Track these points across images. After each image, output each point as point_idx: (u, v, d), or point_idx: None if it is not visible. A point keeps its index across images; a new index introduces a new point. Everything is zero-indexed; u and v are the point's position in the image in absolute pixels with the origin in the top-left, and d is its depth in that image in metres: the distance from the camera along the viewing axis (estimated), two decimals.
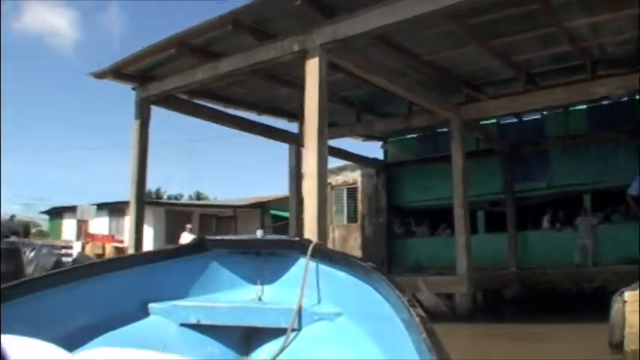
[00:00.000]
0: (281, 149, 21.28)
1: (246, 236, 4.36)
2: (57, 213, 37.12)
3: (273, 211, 30.68)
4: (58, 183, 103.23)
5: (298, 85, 15.73)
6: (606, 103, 20.19)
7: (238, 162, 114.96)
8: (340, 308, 3.48)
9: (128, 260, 3.82)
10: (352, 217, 25.92)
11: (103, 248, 26.56)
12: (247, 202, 32.91)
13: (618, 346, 7.94)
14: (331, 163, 20.34)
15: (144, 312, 3.56)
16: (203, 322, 3.56)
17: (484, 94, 17.96)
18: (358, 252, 24.92)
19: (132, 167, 15.93)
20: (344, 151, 22.70)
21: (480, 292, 16.94)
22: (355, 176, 25.69)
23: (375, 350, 2.94)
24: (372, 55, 14.27)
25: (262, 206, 31.04)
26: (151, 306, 3.59)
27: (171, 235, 26.49)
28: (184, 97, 17.13)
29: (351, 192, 25.91)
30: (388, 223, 24.95)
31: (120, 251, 25.37)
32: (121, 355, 2.00)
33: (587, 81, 15.65)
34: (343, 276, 3.52)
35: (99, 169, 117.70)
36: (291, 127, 21.55)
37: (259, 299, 3.94)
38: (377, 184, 25.27)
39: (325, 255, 3.75)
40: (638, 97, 18.50)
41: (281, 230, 28.60)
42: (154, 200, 33.12)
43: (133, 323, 3.42)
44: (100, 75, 15.59)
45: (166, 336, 3.47)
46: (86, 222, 30.42)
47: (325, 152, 11.90)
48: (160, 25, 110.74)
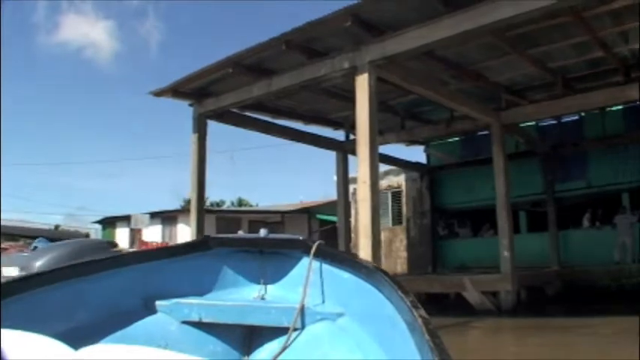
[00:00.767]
0: (314, 154, 22.14)
1: (249, 235, 4.42)
2: (109, 222, 38.44)
3: (319, 216, 31.25)
4: (97, 193, 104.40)
5: (344, 96, 16.71)
6: None
7: (277, 168, 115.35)
8: (343, 308, 3.51)
9: (132, 257, 3.80)
10: (397, 220, 26.45)
11: None
12: (294, 208, 33.69)
13: None
14: None
15: (147, 309, 3.59)
16: (205, 320, 3.60)
17: (523, 99, 18.50)
18: (404, 253, 25.68)
19: (191, 178, 17.11)
20: (389, 157, 23.29)
21: (524, 290, 17.48)
22: (399, 180, 26.27)
23: (377, 351, 2.95)
24: (416, 67, 15.03)
25: (308, 211, 31.69)
26: (154, 303, 3.61)
27: None
28: (236, 111, 18.07)
29: (396, 195, 26.46)
30: (432, 225, 25.47)
31: None
32: (124, 352, 1.98)
33: (621, 84, 16.24)
34: (346, 276, 3.55)
35: (136, 179, 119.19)
36: (336, 135, 22.52)
37: (262, 298, 3.98)
38: (421, 187, 25.85)
39: (328, 255, 3.78)
40: None
41: (327, 233, 29.34)
42: (206, 208, 34.15)
43: (136, 320, 3.45)
44: (159, 93, 16.69)
45: (168, 333, 3.50)
46: (139, 230, 31.13)
47: (376, 161, 12.80)
48: (198, 33, 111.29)
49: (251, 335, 3.70)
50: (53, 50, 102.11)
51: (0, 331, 1.75)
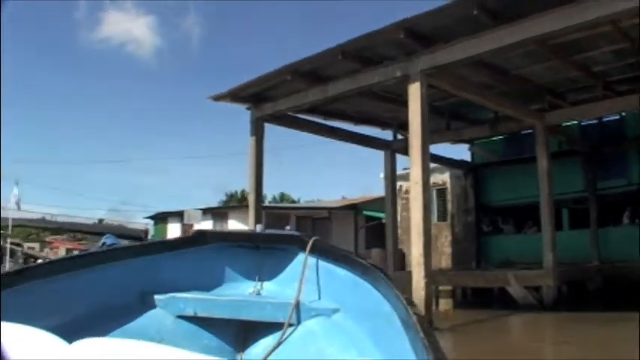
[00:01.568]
0: (354, 151, 22.98)
1: (245, 230, 4.64)
2: (162, 218, 39.65)
3: (365, 212, 31.87)
4: (140, 188, 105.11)
5: (392, 99, 17.61)
6: None
7: (318, 164, 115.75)
8: (338, 304, 3.51)
9: (128, 251, 3.78)
10: (442, 216, 26.94)
11: None
12: (339, 204, 34.46)
13: None
14: None
15: (142, 303, 3.58)
16: (201, 315, 3.59)
17: (565, 101, 19.21)
18: (448, 249, 26.27)
19: (249, 179, 18.28)
20: (434, 155, 23.61)
21: (565, 285, 18.23)
22: (444, 178, 26.80)
23: (372, 347, 2.97)
24: (463, 72, 15.86)
25: (355, 207, 32.33)
26: (149, 297, 3.61)
27: None
28: (291, 114, 19.08)
29: (440, 192, 26.98)
30: (477, 222, 26.07)
31: None
32: (118, 346, 1.98)
33: None
34: (342, 272, 3.55)
35: (178, 174, 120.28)
36: (384, 135, 23.48)
37: (257, 293, 3.97)
38: (465, 185, 26.46)
39: (324, 251, 3.77)
40: None
41: (373, 229, 30.13)
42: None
43: (131, 314, 3.44)
44: (218, 98, 17.87)
45: (163, 327, 3.50)
46: (191, 225, 31.74)
47: (428, 163, 13.81)
48: (239, 27, 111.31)
49: (246, 330, 3.69)
50: (95, 47, 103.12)
51: None
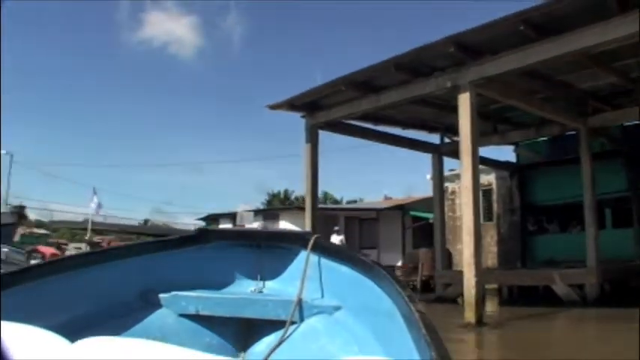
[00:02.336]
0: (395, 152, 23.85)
1: (247, 228, 5.00)
2: (213, 219, 40.92)
3: (412, 212, 32.46)
4: (182, 188, 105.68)
5: (439, 105, 18.51)
6: None
7: (360, 163, 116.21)
8: (340, 302, 3.51)
9: (129, 250, 3.77)
10: (487, 217, 27.41)
11: None
12: (388, 205, 35.16)
13: None
14: None
15: (143, 302, 3.58)
16: (202, 313, 3.58)
17: (607, 104, 19.77)
18: (494, 248, 26.96)
19: (305, 183, 19.54)
20: (480, 157, 24.20)
21: (607, 283, 18.80)
22: (490, 179, 27.47)
23: (374, 344, 2.95)
24: (508, 79, 16.33)
25: (402, 208, 32.92)
26: (152, 296, 3.61)
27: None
28: (343, 121, 20.12)
29: (486, 193, 27.47)
30: (522, 221, 26.66)
31: None
32: (120, 345, 1.97)
33: None
34: (344, 270, 3.54)
35: (220, 174, 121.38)
36: (431, 139, 24.32)
37: (259, 291, 3.95)
38: (511, 185, 27.13)
39: (326, 249, 3.76)
40: None
41: (420, 229, 30.86)
42: (304, 206, 35.84)
43: (133, 313, 3.44)
44: (275, 106, 19.05)
45: (165, 326, 3.49)
46: (242, 226, 32.79)
47: (477, 169, 14.79)
48: (280, 26, 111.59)
49: (248, 328, 3.69)
50: (137, 47, 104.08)
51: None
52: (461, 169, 15.28)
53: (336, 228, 27.65)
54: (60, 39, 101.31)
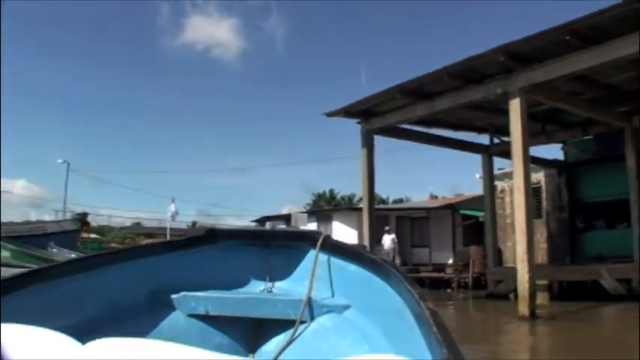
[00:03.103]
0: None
1: (255, 228, 5.25)
2: (267, 220, 41.92)
3: (462, 211, 33.01)
4: (227, 189, 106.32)
5: (488, 107, 19.33)
6: None
7: (405, 162, 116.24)
8: (350, 301, 3.50)
9: (139, 251, 3.79)
10: (536, 214, 27.13)
11: None
12: (438, 204, 35.76)
13: None
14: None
15: (154, 302, 3.58)
16: (212, 313, 3.59)
17: None
18: (544, 245, 27.24)
19: (362, 186, 20.63)
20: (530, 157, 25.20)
21: None
22: (538, 177, 27.67)
23: (384, 343, 2.95)
24: (555, 82, 17.09)
25: (452, 207, 33.57)
26: (161, 296, 3.61)
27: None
28: (396, 125, 21.06)
29: (535, 191, 27.08)
30: (570, 218, 26.99)
31: None
32: (130, 345, 1.96)
33: None
34: (353, 269, 3.54)
35: (264, 175, 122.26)
36: (480, 139, 25.24)
37: (269, 291, 3.95)
38: (559, 183, 27.50)
39: (335, 248, 3.75)
40: None
41: (470, 227, 31.49)
42: (358, 207, 36.47)
43: (143, 314, 3.45)
44: (332, 114, 20.14)
45: (175, 326, 3.50)
46: (296, 227, 33.52)
47: (528, 171, 15.71)
48: (322, 25, 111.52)
49: (258, 328, 3.69)
50: (179, 52, 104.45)
51: (0, 326, 1.77)
52: (513, 172, 16.18)
53: (387, 228, 28.48)
54: (104, 48, 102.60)
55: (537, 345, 12.71)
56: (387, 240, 28.14)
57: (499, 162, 26.27)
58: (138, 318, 3.36)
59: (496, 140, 24.62)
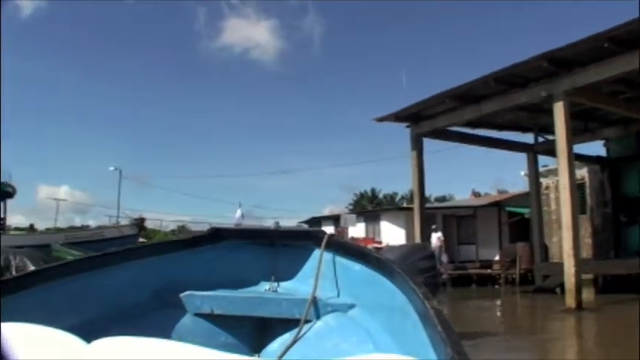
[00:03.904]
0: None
1: (261, 227, 4.50)
2: (316, 221, 43.12)
3: (508, 208, 33.68)
4: (271, 190, 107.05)
5: (532, 109, 20.23)
6: None
7: (445, 159, 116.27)
8: (354, 299, 3.51)
9: (144, 250, 3.81)
10: (581, 210, 26.92)
11: None
12: (485, 202, 36.27)
13: None
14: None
15: (159, 302, 3.60)
16: (217, 312, 3.60)
17: None
18: (588, 240, 27.72)
19: (413, 186, 22.05)
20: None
21: None
22: (582, 173, 27.93)
23: (389, 342, 2.95)
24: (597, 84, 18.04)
25: (498, 204, 34.16)
26: (166, 296, 3.62)
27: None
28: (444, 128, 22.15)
29: (579, 187, 26.92)
30: (614, 213, 27.45)
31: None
32: (135, 344, 1.93)
33: None
34: (357, 267, 3.55)
35: (305, 175, 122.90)
36: (524, 138, 26.08)
37: (273, 290, 3.95)
38: (602, 179, 28.02)
39: (340, 247, 3.76)
40: None
41: (516, 224, 32.04)
42: (408, 206, 37.14)
43: (148, 313, 3.44)
44: (382, 119, 21.36)
45: (180, 325, 3.51)
46: (344, 228, 33.94)
47: (573, 170, 16.71)
48: (360, 24, 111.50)
49: (263, 327, 3.68)
50: (217, 55, 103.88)
51: (1, 325, 1.76)
52: (558, 170, 17.17)
53: (434, 227, 29.20)
54: (142, 54, 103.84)
55: (583, 332, 13.80)
56: (434, 238, 28.86)
57: (543, 159, 27.05)
58: (143, 317, 3.35)
59: (540, 139, 25.41)
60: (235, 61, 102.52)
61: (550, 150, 21.13)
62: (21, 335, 1.82)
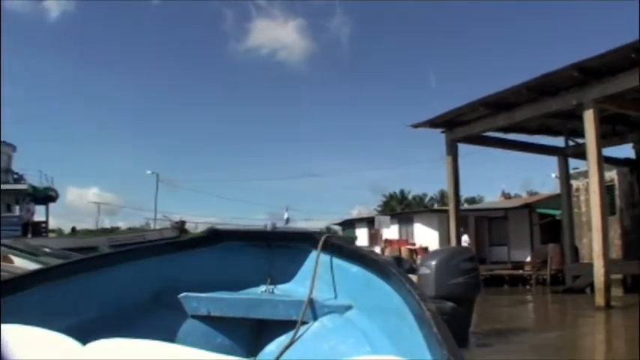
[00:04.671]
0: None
1: (257, 228, 4.48)
2: (349, 224, 44.09)
3: (539, 210, 34.20)
4: (299, 191, 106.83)
5: (562, 114, 20.90)
6: None
7: (474, 160, 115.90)
8: (351, 301, 3.49)
9: (141, 251, 3.80)
10: (610, 211, 27.22)
11: (399, 250, 31.37)
12: (516, 204, 36.77)
13: None
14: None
15: (155, 303, 3.60)
16: (214, 314, 3.59)
17: None
18: (618, 241, 27.96)
19: (449, 190, 23.09)
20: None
21: None
22: (611, 175, 28.04)
23: (386, 344, 2.90)
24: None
25: (529, 206, 34.74)
26: (163, 297, 3.62)
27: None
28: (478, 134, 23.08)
29: (609, 189, 27.07)
30: None
31: (413, 253, 30.68)
32: (132, 346, 1.94)
33: None
34: (355, 269, 3.53)
35: (333, 177, 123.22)
36: (555, 142, 26.87)
37: (270, 291, 3.96)
38: (631, 181, 28.45)
39: (337, 248, 3.74)
40: None
41: (547, 226, 32.55)
42: (440, 208, 37.86)
43: (145, 314, 3.44)
44: (418, 125, 22.28)
45: (177, 327, 3.51)
46: (378, 230, 35.32)
47: (603, 174, 17.62)
48: (387, 23, 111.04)
49: (260, 329, 3.68)
50: (245, 57, 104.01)
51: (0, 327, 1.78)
52: (588, 173, 18.05)
53: (461, 229, 29.86)
54: (172, 59, 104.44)
55: (611, 327, 14.72)
56: (463, 240, 29.49)
57: (573, 161, 27.60)
58: (140, 318, 3.35)
59: (570, 142, 26.08)
60: (263, 63, 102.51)
61: (580, 153, 21.93)
62: (17, 337, 1.85)
